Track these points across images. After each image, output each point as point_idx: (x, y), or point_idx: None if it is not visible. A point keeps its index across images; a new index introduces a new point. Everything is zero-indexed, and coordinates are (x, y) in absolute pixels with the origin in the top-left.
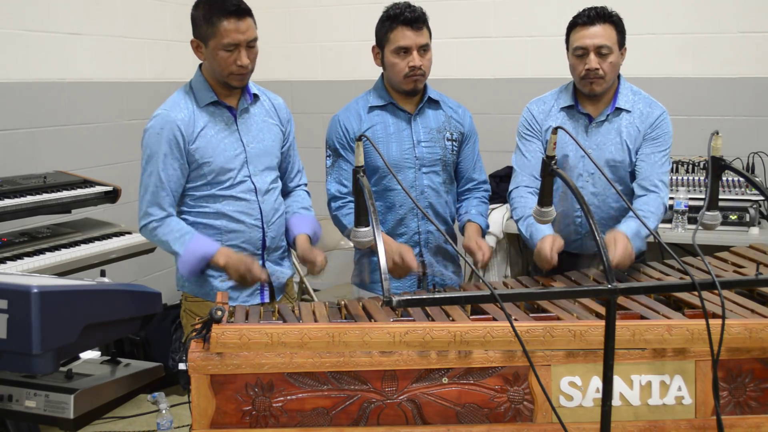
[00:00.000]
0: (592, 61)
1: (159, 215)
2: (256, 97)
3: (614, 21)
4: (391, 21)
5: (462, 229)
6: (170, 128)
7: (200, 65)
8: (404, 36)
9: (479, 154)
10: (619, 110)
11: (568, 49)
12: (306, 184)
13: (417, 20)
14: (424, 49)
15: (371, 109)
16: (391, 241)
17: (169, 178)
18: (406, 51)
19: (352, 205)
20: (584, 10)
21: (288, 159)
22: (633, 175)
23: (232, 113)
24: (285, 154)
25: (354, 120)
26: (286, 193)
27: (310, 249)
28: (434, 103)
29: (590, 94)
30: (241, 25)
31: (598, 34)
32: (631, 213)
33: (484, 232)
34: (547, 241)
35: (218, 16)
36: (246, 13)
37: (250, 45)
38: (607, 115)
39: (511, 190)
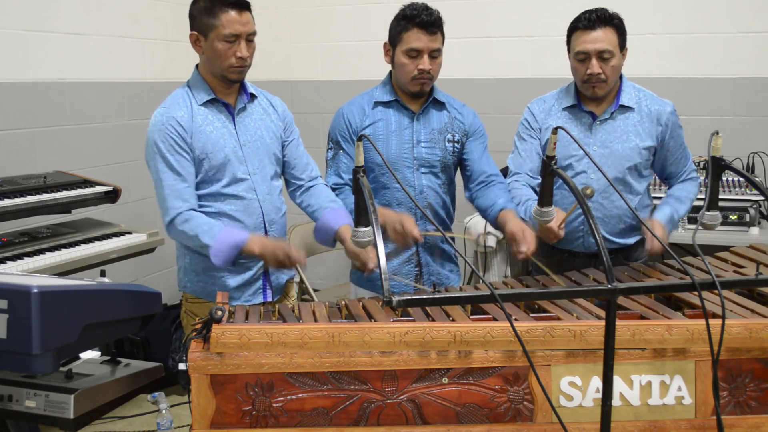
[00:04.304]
0: (594, 66)
1: (183, 207)
2: (253, 96)
3: (615, 24)
4: (406, 21)
5: (495, 220)
6: (171, 124)
7: (197, 65)
8: (418, 38)
9: (489, 155)
10: (623, 108)
11: (569, 51)
12: (320, 177)
13: (433, 24)
14: (435, 53)
15: (376, 104)
16: (390, 212)
17: (184, 168)
18: (417, 54)
19: (348, 191)
20: (585, 13)
21: (296, 155)
22: (638, 174)
23: (229, 111)
24: (293, 151)
25: (357, 114)
26: (304, 188)
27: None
28: (439, 104)
29: (592, 97)
30: (242, 17)
31: (599, 38)
32: (664, 199)
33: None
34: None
35: (220, 7)
36: (246, 6)
37: (249, 39)
38: (612, 113)
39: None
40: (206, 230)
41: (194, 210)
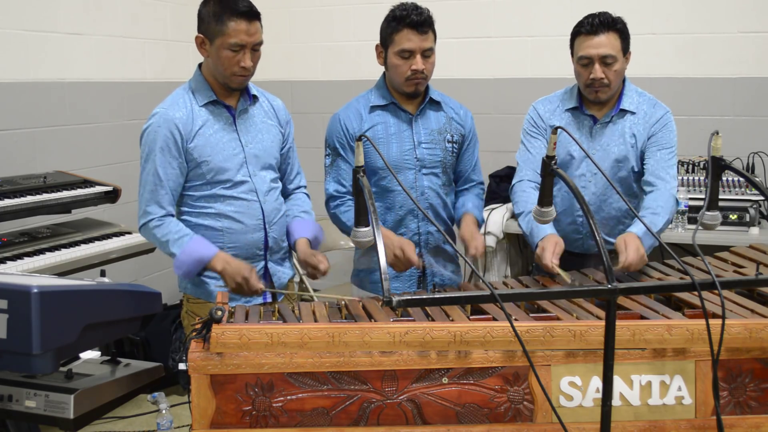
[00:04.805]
0: (597, 71)
1: (158, 213)
2: (255, 98)
3: (618, 28)
4: (396, 22)
5: (458, 222)
6: (168, 126)
7: (199, 65)
8: (408, 39)
9: (478, 157)
10: (623, 111)
11: (572, 55)
12: (305, 186)
13: (423, 24)
14: (427, 53)
15: (372, 108)
16: (392, 235)
17: (168, 176)
18: (409, 54)
19: (350, 203)
20: (588, 18)
21: (287, 161)
22: (638, 176)
23: (231, 113)
24: (284, 156)
25: (354, 119)
26: (285, 195)
27: (312, 253)
28: (435, 104)
29: (595, 101)
30: (250, 27)
31: (602, 43)
32: (640, 212)
33: (479, 224)
34: (548, 249)
35: (229, 15)
36: (256, 16)
37: (255, 48)
38: (612, 117)
39: (514, 184)
40: (176, 239)
41: (170, 216)
